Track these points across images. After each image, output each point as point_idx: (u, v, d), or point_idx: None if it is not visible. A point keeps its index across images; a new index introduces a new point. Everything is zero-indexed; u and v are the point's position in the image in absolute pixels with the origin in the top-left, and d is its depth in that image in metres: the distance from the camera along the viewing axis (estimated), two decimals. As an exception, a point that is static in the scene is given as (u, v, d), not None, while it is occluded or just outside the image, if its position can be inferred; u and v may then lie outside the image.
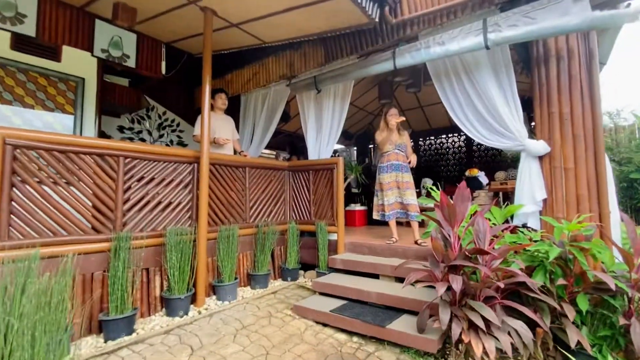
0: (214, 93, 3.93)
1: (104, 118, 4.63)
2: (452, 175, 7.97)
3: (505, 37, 2.70)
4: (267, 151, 9.19)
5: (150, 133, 5.18)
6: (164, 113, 5.40)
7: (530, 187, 2.75)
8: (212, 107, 3.94)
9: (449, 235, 2.28)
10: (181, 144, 5.53)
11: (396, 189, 3.65)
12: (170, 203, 3.12)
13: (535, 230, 2.75)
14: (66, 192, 2.48)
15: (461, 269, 2.21)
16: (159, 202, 3.04)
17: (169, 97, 5.43)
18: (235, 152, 4.11)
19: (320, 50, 3.87)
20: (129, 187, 2.83)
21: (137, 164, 2.89)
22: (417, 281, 2.26)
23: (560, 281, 2.11)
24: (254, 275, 3.62)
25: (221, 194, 3.54)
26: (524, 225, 2.88)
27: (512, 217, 2.86)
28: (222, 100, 3.95)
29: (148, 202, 2.96)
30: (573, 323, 2.09)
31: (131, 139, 4.92)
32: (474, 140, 7.90)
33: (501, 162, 7.22)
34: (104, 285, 2.62)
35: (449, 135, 8.12)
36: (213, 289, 3.33)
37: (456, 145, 8.04)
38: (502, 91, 2.93)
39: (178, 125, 5.56)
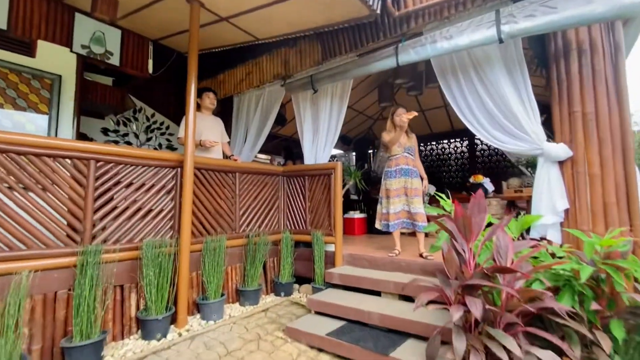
0: (201, 92, 3.65)
1: (86, 119, 4.34)
2: (454, 181, 7.70)
3: (522, 29, 2.44)
4: (263, 156, 8.91)
5: (137, 136, 4.88)
6: (153, 115, 5.12)
7: (549, 195, 2.47)
8: (199, 107, 3.66)
9: (464, 251, 1.98)
10: (170, 147, 5.24)
11: (404, 196, 3.34)
12: (150, 212, 2.82)
13: (551, 243, 2.46)
14: (25, 200, 2.18)
15: (478, 290, 1.91)
16: (137, 211, 2.73)
17: (158, 99, 5.15)
18: (224, 156, 3.81)
19: (317, 47, 3.61)
20: (101, 194, 2.53)
21: (111, 169, 2.58)
22: (428, 302, 1.96)
23: (594, 306, 1.82)
24: (244, 290, 3.30)
25: (208, 202, 3.23)
26: (543, 239, 2.58)
27: (528, 229, 2.57)
28: (210, 100, 3.66)
29: (124, 211, 2.65)
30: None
31: (116, 142, 4.62)
32: (477, 146, 7.68)
33: (506, 168, 6.96)
34: (69, 306, 2.30)
35: (451, 141, 7.86)
36: (197, 307, 3.01)
37: (458, 150, 7.78)
38: (516, 89, 2.65)
39: (167, 128, 5.27)
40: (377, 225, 3.49)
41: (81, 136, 4.03)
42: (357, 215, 5.89)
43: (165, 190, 2.92)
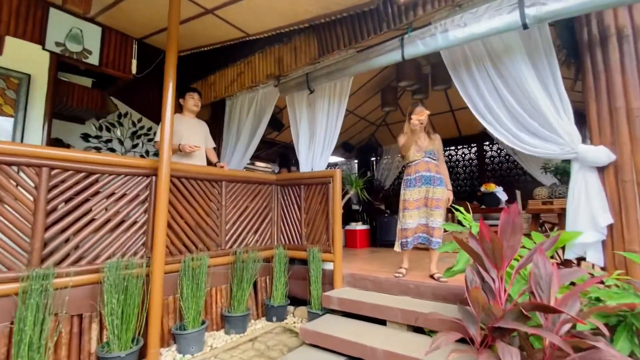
0: (184, 92, 3.30)
1: (64, 124, 4.02)
2: (462, 190, 7.27)
3: (550, 11, 2.07)
4: (262, 164, 8.55)
5: (121, 142, 4.54)
6: (140, 120, 4.79)
7: (588, 208, 2.05)
8: (180, 109, 3.32)
9: (493, 280, 1.58)
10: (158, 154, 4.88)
11: (424, 207, 2.83)
12: (117, 227, 2.44)
13: (601, 268, 2.04)
14: (-46, 215, 1.81)
15: (512, 332, 1.50)
16: (101, 227, 2.35)
17: (145, 102, 4.82)
18: (209, 163, 3.44)
19: (312, 43, 3.26)
20: (56, 208, 2.16)
21: (70, 177, 2.21)
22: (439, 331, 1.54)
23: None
24: (229, 316, 2.89)
25: (188, 215, 2.85)
26: (580, 260, 2.17)
27: (562, 247, 2.16)
28: (194, 101, 3.30)
29: (85, 227, 2.28)
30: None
31: (98, 149, 4.28)
32: (486, 152, 7.27)
33: (518, 176, 6.55)
34: (11, 343, 1.90)
35: (459, 147, 7.46)
36: (174, 337, 2.60)
37: (466, 157, 7.37)
38: (542, 83, 2.27)
39: (155, 134, 4.91)
40: (396, 248, 2.91)
41: (55, 142, 3.70)
42: (359, 226, 5.47)
43: (136, 202, 2.55)
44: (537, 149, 2.25)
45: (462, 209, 1.93)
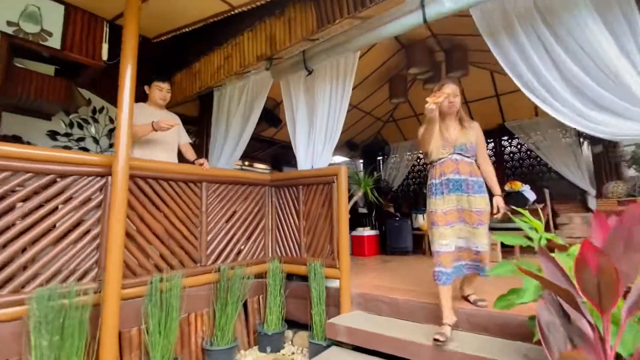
0: (150, 80, 2.72)
1: (25, 120, 3.49)
2: (479, 190, 6.65)
3: None
4: (262, 166, 8.02)
5: (96, 141, 4.01)
6: (118, 116, 4.24)
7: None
8: (147, 99, 2.77)
9: (591, 326, 0.99)
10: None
11: (460, 223, 2.01)
12: (59, 241, 1.89)
13: None
14: None
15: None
16: (34, 242, 1.80)
17: (125, 96, 4.28)
18: (182, 160, 2.88)
19: (310, 12, 2.69)
20: (-35, 218, 1.62)
21: (-14, 177, 1.67)
22: None
23: None
24: (211, 350, 2.32)
25: (156, 224, 2.28)
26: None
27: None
28: (161, 94, 2.68)
29: (9, 243, 1.73)
30: None
31: (68, 149, 3.75)
32: (504, 148, 6.66)
33: (542, 173, 5.94)
34: None
35: (473, 143, 6.85)
36: (136, 381, 2.04)
37: (483, 154, 6.75)
38: (618, 42, 1.69)
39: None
40: (436, 279, 1.96)
41: (12, 139, 3.18)
42: (367, 232, 4.90)
43: (86, 209, 1.99)
44: (613, 130, 1.67)
45: (527, 213, 1.35)
